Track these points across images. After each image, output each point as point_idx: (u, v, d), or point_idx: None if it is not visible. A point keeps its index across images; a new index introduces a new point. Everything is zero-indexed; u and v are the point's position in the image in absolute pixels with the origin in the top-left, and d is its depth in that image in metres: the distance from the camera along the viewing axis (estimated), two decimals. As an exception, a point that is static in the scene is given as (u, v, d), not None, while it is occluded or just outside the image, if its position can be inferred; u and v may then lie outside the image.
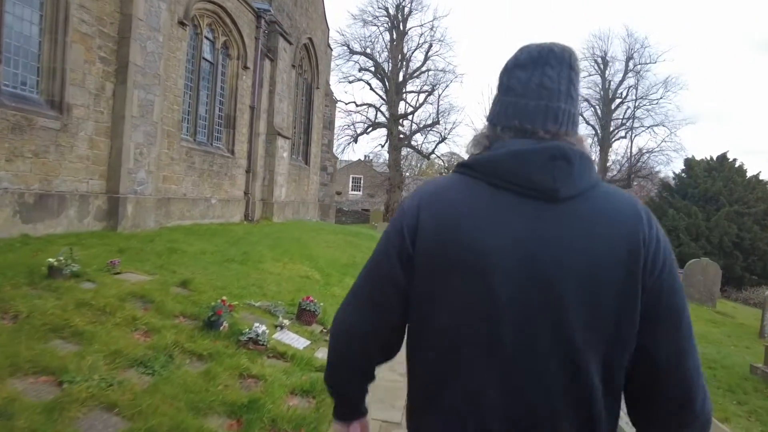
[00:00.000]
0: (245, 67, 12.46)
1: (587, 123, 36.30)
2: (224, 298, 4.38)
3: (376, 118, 32.50)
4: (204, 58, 10.98)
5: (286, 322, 4.85)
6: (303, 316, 5.09)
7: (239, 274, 6.10)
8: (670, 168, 47.14)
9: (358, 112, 32.60)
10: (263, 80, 13.34)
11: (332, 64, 31.39)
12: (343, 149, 32.62)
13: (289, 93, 15.71)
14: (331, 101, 20.47)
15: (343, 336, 1.11)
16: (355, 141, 32.18)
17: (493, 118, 1.04)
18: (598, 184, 0.98)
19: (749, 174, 30.19)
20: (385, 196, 34.93)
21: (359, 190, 52.56)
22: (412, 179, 49.49)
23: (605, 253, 0.92)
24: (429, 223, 0.97)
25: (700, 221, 27.46)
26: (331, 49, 20.83)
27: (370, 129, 32.42)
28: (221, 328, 4.18)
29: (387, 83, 31.39)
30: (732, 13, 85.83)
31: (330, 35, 18.96)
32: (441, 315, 0.97)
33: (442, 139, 32.88)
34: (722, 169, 29.75)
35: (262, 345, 4.13)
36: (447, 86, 32.59)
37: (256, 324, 4.21)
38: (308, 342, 4.72)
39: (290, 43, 14.87)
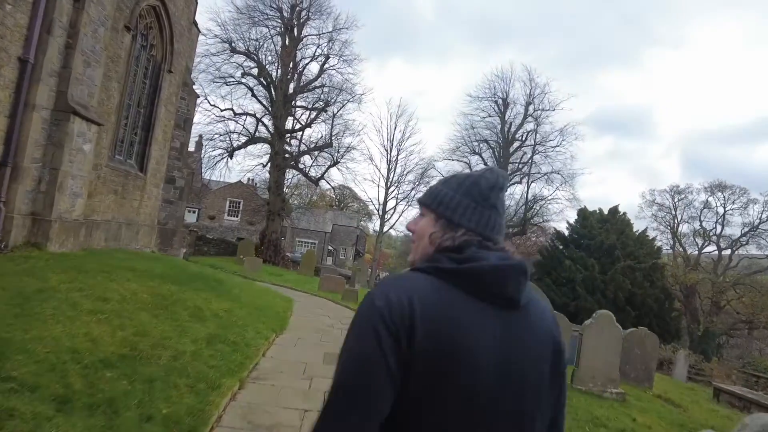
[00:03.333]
0: (13, -8, 7.41)
1: (485, 163, 34.77)
2: None
3: (257, 131, 27.56)
4: None
5: None
6: None
7: None
8: (563, 217, 47.58)
9: (235, 120, 27.44)
10: (54, 24, 8.28)
11: (208, 60, 26.30)
12: (215, 164, 27.12)
13: (115, 65, 10.65)
14: (191, 93, 15.46)
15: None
16: (231, 156, 26.85)
17: (474, 226, 1.15)
18: (531, 292, 1.15)
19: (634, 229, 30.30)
20: (263, 224, 29.79)
21: (237, 216, 46.39)
22: (302, 209, 44.62)
23: (542, 351, 1.13)
24: (427, 326, 1.00)
25: (596, 274, 26.19)
26: (198, 30, 16.00)
27: (250, 143, 27.31)
28: None
29: (274, 92, 26.77)
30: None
31: (207, 24, 14.46)
32: (431, 413, 1.01)
33: (334, 163, 28.83)
34: (615, 221, 29.31)
35: None
36: (343, 106, 28.80)
37: None
38: None
39: (119, -12, 9.98)
